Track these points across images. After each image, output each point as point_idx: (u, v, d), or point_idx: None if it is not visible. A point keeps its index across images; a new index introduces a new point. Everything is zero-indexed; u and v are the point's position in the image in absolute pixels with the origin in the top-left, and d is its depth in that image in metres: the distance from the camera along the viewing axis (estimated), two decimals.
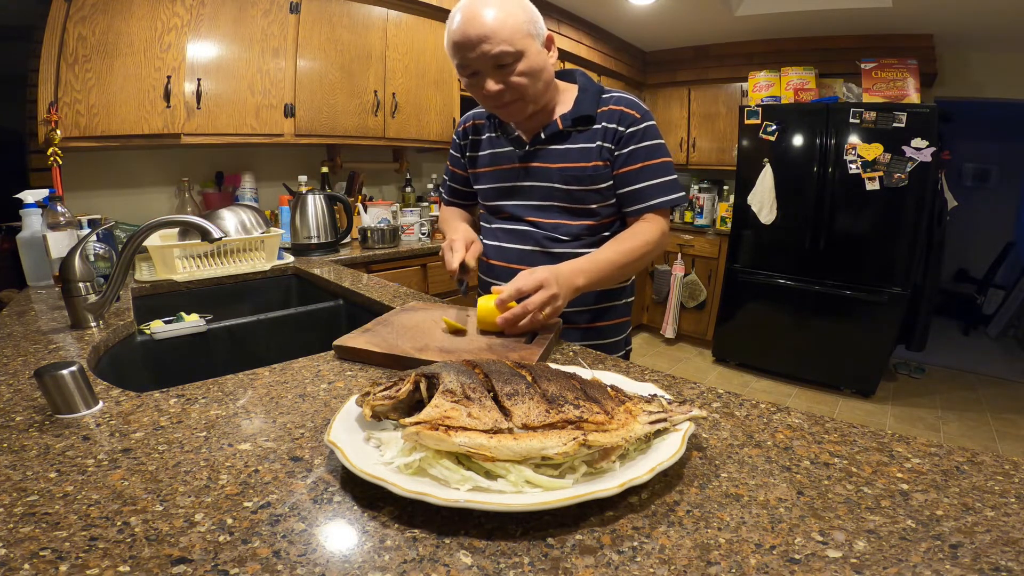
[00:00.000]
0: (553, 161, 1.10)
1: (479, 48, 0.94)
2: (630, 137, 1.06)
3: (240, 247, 1.71)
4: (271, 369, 0.81)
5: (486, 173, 1.20)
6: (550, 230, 1.13)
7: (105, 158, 2.02)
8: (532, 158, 1.12)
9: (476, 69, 0.98)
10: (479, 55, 0.95)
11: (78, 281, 1.00)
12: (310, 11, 2.23)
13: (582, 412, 0.54)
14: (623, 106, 1.07)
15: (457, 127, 1.28)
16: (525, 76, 0.98)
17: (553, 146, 1.10)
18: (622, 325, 1.23)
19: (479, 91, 1.02)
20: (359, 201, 2.60)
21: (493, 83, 0.98)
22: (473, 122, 1.23)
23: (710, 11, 3.36)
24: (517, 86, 0.99)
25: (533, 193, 1.13)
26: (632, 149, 1.06)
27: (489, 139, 1.19)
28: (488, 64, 0.96)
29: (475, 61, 0.96)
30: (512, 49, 0.95)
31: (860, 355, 3.18)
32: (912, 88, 3.05)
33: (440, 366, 0.58)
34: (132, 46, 1.76)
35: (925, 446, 0.60)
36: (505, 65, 0.97)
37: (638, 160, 1.07)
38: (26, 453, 0.56)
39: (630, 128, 1.06)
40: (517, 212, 1.16)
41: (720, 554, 0.43)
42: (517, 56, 0.96)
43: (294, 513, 0.47)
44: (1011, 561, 0.41)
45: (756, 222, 3.39)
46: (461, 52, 0.96)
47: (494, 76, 0.98)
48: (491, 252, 1.22)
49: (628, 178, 1.08)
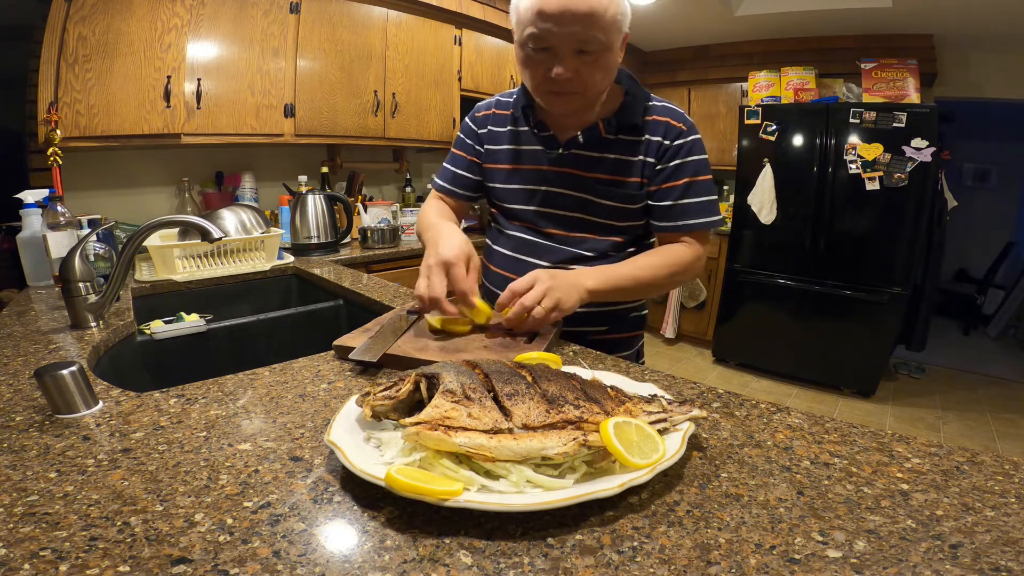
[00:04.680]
0: (588, 169, 1.00)
1: (571, 26, 0.83)
2: (677, 150, 0.98)
3: (240, 247, 1.71)
4: (271, 369, 0.81)
5: (505, 171, 1.08)
6: (574, 245, 1.03)
7: (105, 158, 2.02)
8: (564, 162, 1.01)
9: (552, 45, 0.86)
10: (568, 33, 0.84)
11: (78, 281, 1.00)
12: (310, 11, 2.23)
13: (582, 412, 0.54)
14: (669, 117, 0.99)
15: (474, 112, 1.14)
16: (599, 71, 0.89)
17: (590, 152, 1.00)
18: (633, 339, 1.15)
19: (539, 69, 0.90)
20: (359, 201, 2.61)
21: (564, 67, 0.87)
22: (494, 111, 1.11)
23: (710, 11, 3.36)
24: (587, 78, 0.89)
25: (560, 201, 1.03)
26: (678, 164, 0.98)
27: (513, 133, 1.07)
28: (571, 46, 0.86)
29: (559, 37, 0.85)
30: (603, 39, 0.86)
31: (860, 355, 3.18)
32: (912, 88, 3.05)
33: (440, 366, 0.58)
34: (132, 46, 1.76)
35: (925, 446, 0.60)
36: (587, 52, 0.87)
37: (684, 175, 0.98)
38: (26, 453, 0.56)
39: (676, 141, 0.98)
40: (537, 221, 1.05)
41: (720, 554, 0.43)
42: (603, 47, 0.87)
43: (294, 513, 0.47)
44: (1011, 561, 0.41)
45: (756, 222, 3.39)
46: (546, 22, 0.84)
47: (569, 60, 0.87)
48: (502, 261, 1.10)
49: (670, 193, 0.99)
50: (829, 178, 3.13)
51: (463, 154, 1.14)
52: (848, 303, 3.16)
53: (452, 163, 1.16)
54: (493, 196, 1.13)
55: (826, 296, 3.23)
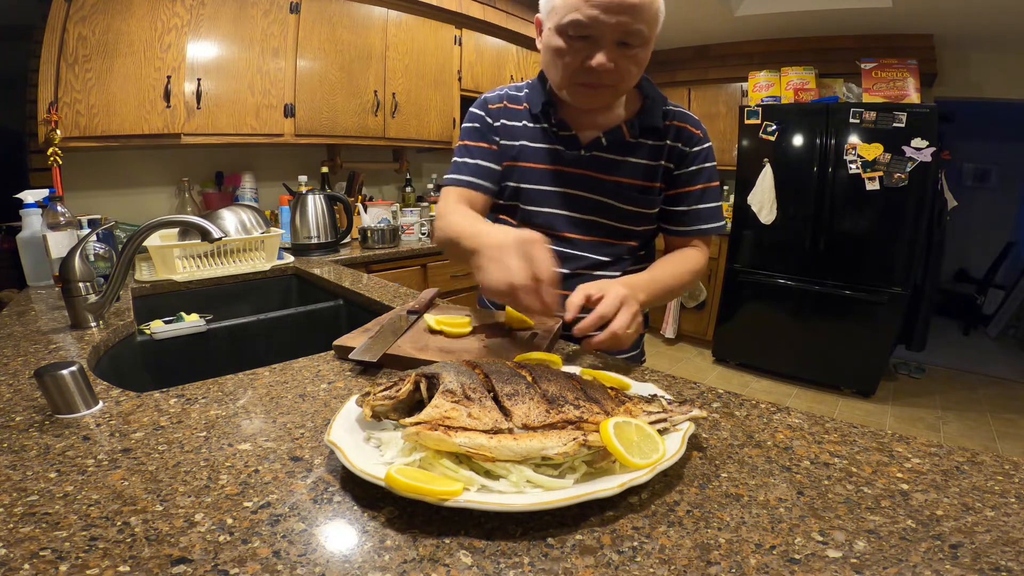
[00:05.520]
0: (609, 172, 0.98)
1: (620, 16, 0.81)
2: (694, 156, 0.99)
3: (240, 247, 1.71)
4: (271, 369, 0.81)
5: (519, 169, 1.02)
6: (592, 250, 1.01)
7: (105, 158, 2.02)
8: (585, 164, 0.99)
9: (595, 34, 0.84)
10: (616, 23, 0.81)
11: (78, 281, 1.00)
12: (310, 11, 2.23)
13: (582, 412, 0.54)
14: (686, 123, 1.00)
15: (487, 103, 1.05)
16: (635, 65, 0.88)
17: (613, 155, 0.98)
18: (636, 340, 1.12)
19: (577, 57, 0.87)
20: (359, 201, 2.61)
21: (606, 56, 0.84)
22: (506, 104, 1.04)
23: (710, 11, 3.36)
24: (624, 71, 0.87)
25: (578, 204, 1.00)
26: (696, 169, 0.99)
27: (528, 129, 1.02)
28: (615, 36, 0.84)
29: (605, 26, 0.82)
30: (646, 32, 0.84)
31: (860, 355, 3.18)
32: (912, 88, 3.05)
33: (440, 366, 0.58)
34: (132, 46, 1.76)
35: (925, 446, 0.60)
36: (629, 45, 0.85)
37: (701, 180, 1.00)
38: (26, 453, 0.56)
39: (695, 148, 0.99)
40: (555, 224, 1.01)
41: (720, 554, 0.43)
42: (644, 41, 0.86)
43: (294, 513, 0.47)
44: (1011, 561, 0.41)
45: (756, 222, 3.39)
46: (593, 9, 0.81)
47: (611, 50, 0.85)
48: None
49: (686, 199, 1.00)
50: (829, 178, 3.13)
51: (484, 144, 1.03)
52: (848, 303, 3.16)
53: (472, 156, 1.03)
54: (505, 196, 1.07)
55: (826, 296, 3.23)
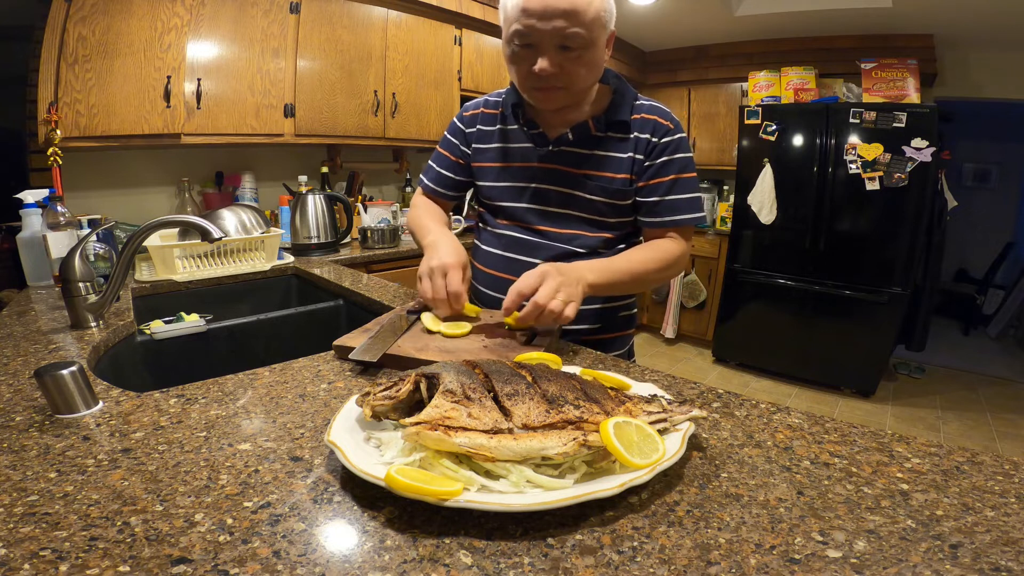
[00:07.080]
0: (578, 166, 1.02)
1: (554, 22, 0.86)
2: (664, 148, 1.00)
3: (240, 247, 1.71)
4: (271, 369, 0.81)
5: (495, 169, 1.09)
6: (565, 242, 1.04)
7: (105, 158, 2.02)
8: (554, 159, 1.03)
9: (535, 42, 0.89)
10: (551, 29, 0.86)
11: (78, 281, 1.00)
12: (310, 11, 2.23)
13: (582, 412, 0.54)
14: (656, 115, 1.01)
15: (463, 112, 1.15)
16: (583, 67, 0.91)
17: (580, 150, 1.02)
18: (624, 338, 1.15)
19: (524, 65, 0.92)
20: (359, 201, 2.61)
21: (548, 62, 0.89)
22: (483, 110, 1.12)
23: (710, 11, 3.36)
24: (571, 74, 0.91)
25: (550, 198, 1.04)
26: (665, 160, 1.00)
27: (502, 132, 1.08)
28: (554, 41, 0.88)
29: (542, 33, 0.87)
30: (586, 35, 0.88)
31: (860, 355, 3.18)
32: (912, 88, 3.05)
33: (440, 366, 0.58)
34: (132, 46, 1.76)
35: (925, 446, 0.60)
36: (570, 48, 0.89)
37: (671, 172, 1.00)
38: (26, 453, 0.56)
39: (664, 138, 1.00)
40: (528, 217, 1.06)
41: (720, 554, 0.43)
42: (587, 44, 0.89)
43: (294, 513, 0.47)
44: (1011, 561, 0.41)
45: (756, 222, 3.39)
46: (530, 18, 0.86)
47: (553, 55, 0.89)
48: (492, 261, 1.11)
49: (657, 190, 1.00)
50: (829, 178, 3.13)
51: (447, 154, 1.16)
52: (848, 303, 3.16)
53: (437, 162, 1.18)
54: (483, 194, 1.14)
55: (826, 296, 3.23)
